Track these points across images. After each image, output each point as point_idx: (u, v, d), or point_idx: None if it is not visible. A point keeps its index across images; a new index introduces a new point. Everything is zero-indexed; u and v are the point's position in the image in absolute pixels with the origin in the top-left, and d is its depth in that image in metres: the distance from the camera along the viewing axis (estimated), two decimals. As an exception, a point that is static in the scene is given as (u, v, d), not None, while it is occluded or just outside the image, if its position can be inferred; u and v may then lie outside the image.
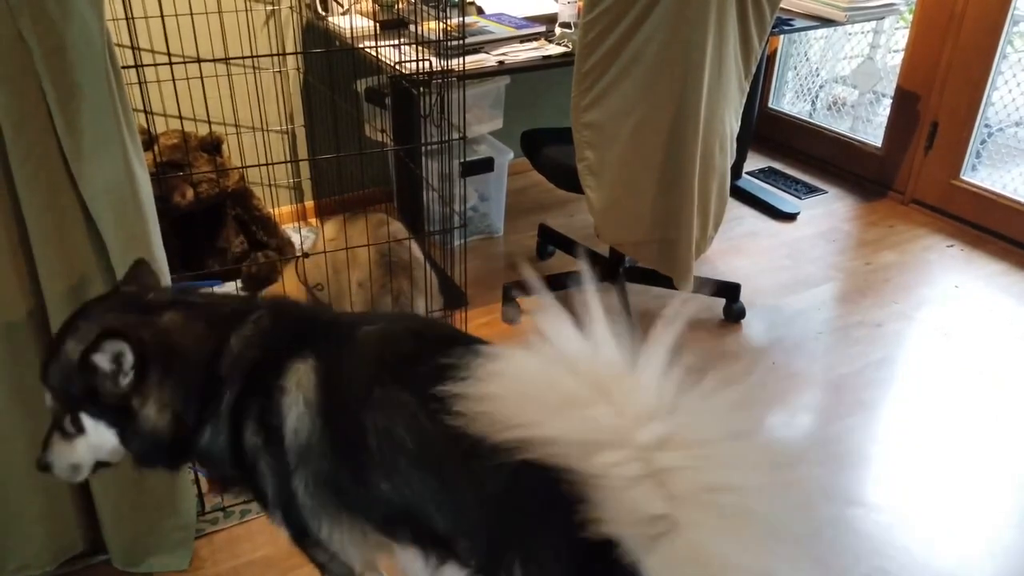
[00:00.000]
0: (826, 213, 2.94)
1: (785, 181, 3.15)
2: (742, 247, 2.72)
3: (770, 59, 3.34)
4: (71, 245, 1.31)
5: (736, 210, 2.95)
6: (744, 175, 3.14)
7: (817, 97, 3.41)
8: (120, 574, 1.55)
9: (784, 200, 2.98)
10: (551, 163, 2.14)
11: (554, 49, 2.11)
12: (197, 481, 1.64)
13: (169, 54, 1.89)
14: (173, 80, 1.80)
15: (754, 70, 1.95)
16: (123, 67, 1.29)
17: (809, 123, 3.31)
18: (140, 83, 1.47)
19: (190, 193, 2.24)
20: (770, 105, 3.44)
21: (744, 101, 2.00)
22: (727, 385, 0.84)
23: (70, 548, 1.50)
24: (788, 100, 3.47)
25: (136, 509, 1.51)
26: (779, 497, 0.80)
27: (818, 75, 3.40)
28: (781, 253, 2.68)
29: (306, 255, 1.84)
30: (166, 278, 1.41)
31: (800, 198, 3.02)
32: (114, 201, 1.30)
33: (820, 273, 2.57)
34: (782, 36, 3.32)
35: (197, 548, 1.60)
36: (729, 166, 2.03)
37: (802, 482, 0.81)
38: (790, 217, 2.88)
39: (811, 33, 3.35)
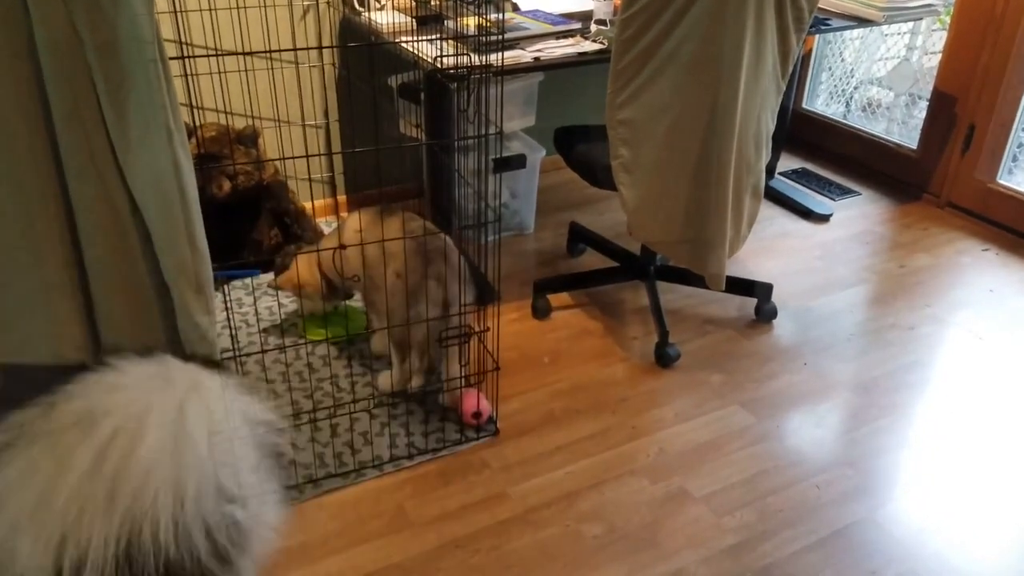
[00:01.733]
0: (859, 215, 2.92)
1: (818, 182, 3.13)
2: (774, 248, 2.70)
3: (804, 59, 3.32)
4: (118, 234, 1.34)
5: (768, 210, 2.93)
6: (777, 176, 3.12)
7: (851, 98, 3.38)
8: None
9: (817, 201, 2.96)
10: (584, 160, 2.15)
11: (589, 46, 2.11)
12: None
13: (215, 48, 1.92)
14: (217, 73, 1.83)
15: (791, 69, 1.94)
16: (170, 58, 1.32)
17: (843, 124, 3.28)
18: (185, 76, 1.50)
19: (227, 185, 2.27)
20: (804, 106, 3.41)
21: (780, 100, 2.00)
22: None
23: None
24: (822, 101, 3.44)
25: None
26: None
27: (853, 76, 3.36)
28: (813, 254, 2.67)
29: (344, 247, 1.87)
30: (208, 268, 1.43)
31: (833, 199, 3.00)
32: (160, 191, 1.33)
33: (852, 275, 2.55)
34: (817, 36, 3.30)
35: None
36: (764, 166, 2.02)
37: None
38: (823, 218, 2.86)
39: (847, 34, 3.32)
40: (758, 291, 2.31)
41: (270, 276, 2.45)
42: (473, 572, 1.55)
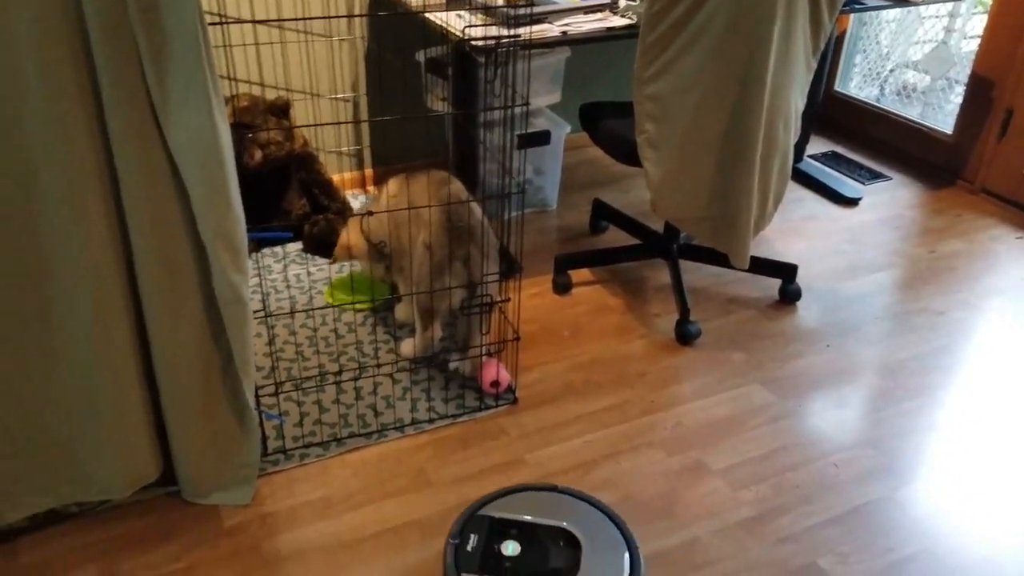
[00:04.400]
0: (890, 200, 2.88)
1: (848, 166, 3.09)
2: (801, 230, 2.68)
3: (838, 40, 3.27)
4: (157, 193, 1.37)
5: (796, 192, 2.91)
6: (806, 158, 3.09)
7: (886, 82, 3.33)
8: (187, 505, 1.63)
9: (846, 185, 2.92)
10: (610, 135, 2.15)
11: (618, 21, 2.11)
12: (261, 423, 1.71)
13: (254, 21, 1.95)
14: (250, 44, 1.85)
15: (823, 47, 1.93)
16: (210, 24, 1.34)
17: (876, 107, 3.24)
18: (225, 46, 1.52)
19: (259, 154, 2.31)
20: (836, 88, 3.37)
21: (811, 79, 1.98)
22: None
23: (144, 478, 1.59)
24: (856, 84, 3.40)
25: (206, 445, 1.59)
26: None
27: (888, 59, 3.31)
28: (841, 237, 2.64)
29: (371, 213, 1.89)
30: (243, 229, 1.47)
31: (863, 183, 2.97)
32: (198, 152, 1.36)
33: (881, 259, 2.53)
34: (852, 18, 3.25)
35: (258, 486, 1.67)
36: (792, 144, 2.01)
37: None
38: (852, 202, 2.83)
39: (883, 16, 3.26)
40: (782, 272, 2.30)
41: (299, 245, 2.49)
42: (489, 534, 1.58)
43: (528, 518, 1.44)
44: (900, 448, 1.81)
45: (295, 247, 2.50)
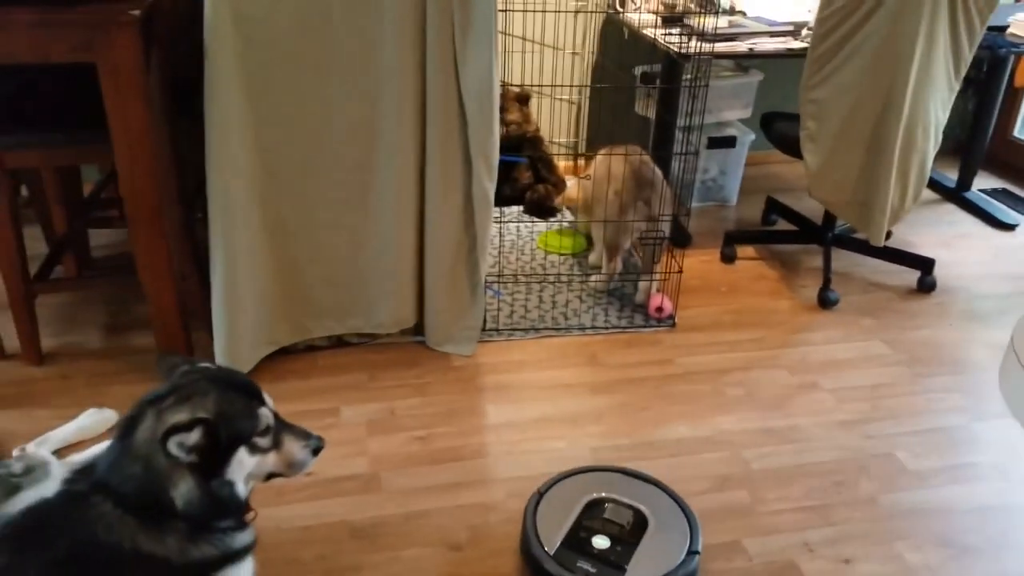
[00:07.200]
0: (1049, 230, 3.12)
1: (1013, 200, 3.34)
2: (952, 243, 3.01)
3: (1017, 91, 3.53)
4: (448, 117, 2.05)
5: (956, 215, 3.22)
6: (975, 190, 3.37)
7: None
8: (429, 349, 2.33)
9: (1006, 213, 3.19)
10: (780, 133, 2.67)
11: (796, 44, 2.64)
12: (485, 299, 2.39)
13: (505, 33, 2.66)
14: (505, 52, 2.56)
15: (964, 72, 2.34)
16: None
17: (1055, 153, 3.45)
18: (505, 53, 2.21)
19: (503, 130, 3.05)
20: (1015, 134, 3.61)
21: (953, 98, 2.39)
22: None
23: (405, 322, 2.32)
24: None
25: (448, 307, 2.28)
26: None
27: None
28: (988, 252, 2.94)
29: (586, 177, 2.58)
30: (497, 149, 2.14)
31: (1025, 215, 3.22)
32: (478, 90, 2.04)
33: (1019, 271, 2.80)
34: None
35: (477, 347, 2.34)
36: (932, 150, 2.42)
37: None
38: (1008, 227, 3.10)
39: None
40: (921, 264, 2.68)
41: (520, 207, 3.20)
42: (637, 394, 2.14)
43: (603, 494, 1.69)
44: (988, 396, 2.15)
45: (517, 209, 3.21)
